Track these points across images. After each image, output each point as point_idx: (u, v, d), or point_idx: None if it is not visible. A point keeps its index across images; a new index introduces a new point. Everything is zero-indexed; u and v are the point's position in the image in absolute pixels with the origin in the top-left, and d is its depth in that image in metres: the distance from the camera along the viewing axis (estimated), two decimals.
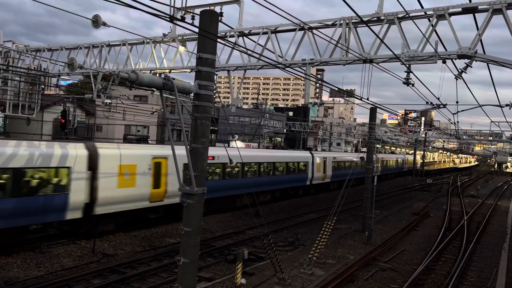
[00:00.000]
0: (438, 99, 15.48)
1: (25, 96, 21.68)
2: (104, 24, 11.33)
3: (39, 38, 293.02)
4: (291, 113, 73.74)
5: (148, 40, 16.17)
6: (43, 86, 23.74)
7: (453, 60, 11.13)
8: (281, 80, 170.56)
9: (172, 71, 16.09)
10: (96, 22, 11.49)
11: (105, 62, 17.35)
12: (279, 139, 63.29)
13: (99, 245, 15.02)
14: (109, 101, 16.57)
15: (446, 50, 10.94)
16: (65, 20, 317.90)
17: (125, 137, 23.31)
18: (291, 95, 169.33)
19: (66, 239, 15.26)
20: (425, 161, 71.76)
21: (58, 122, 28.49)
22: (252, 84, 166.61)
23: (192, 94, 7.03)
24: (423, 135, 56.95)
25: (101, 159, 15.13)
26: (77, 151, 14.66)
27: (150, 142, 24.91)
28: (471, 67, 10.91)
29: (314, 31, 12.86)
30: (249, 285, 11.70)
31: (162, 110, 27.83)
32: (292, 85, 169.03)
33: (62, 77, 20.64)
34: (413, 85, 12.10)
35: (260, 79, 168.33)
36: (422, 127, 62.43)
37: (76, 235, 15.41)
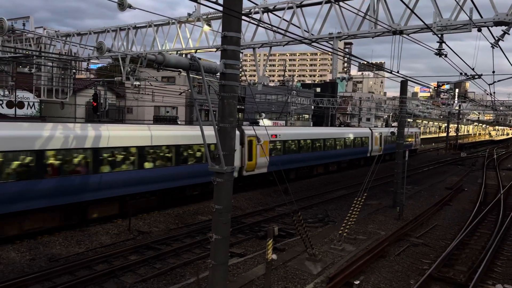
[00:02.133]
0: (473, 69, 14.83)
1: (58, 80, 22.31)
2: (130, 6, 11.42)
3: (67, 23, 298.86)
4: (318, 89, 72.74)
5: (173, 21, 16.19)
6: (74, 71, 24.33)
7: (489, 27, 10.58)
8: (307, 55, 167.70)
9: (198, 51, 16.10)
10: (122, 4, 11.60)
11: (132, 44, 17.56)
12: (306, 116, 62.74)
13: (134, 223, 15.60)
14: (138, 83, 16.84)
15: (481, 17, 10.40)
16: (91, 4, 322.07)
17: (155, 118, 23.77)
18: (318, 71, 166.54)
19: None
20: (459, 134, 69.51)
21: (90, 105, 29.32)
22: (278, 61, 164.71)
23: (218, 74, 7.04)
24: (457, 108, 55.05)
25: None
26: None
27: (179, 122, 25.30)
28: (508, 34, 10.35)
29: (341, 3, 12.50)
30: (280, 261, 11.90)
31: (189, 90, 28.04)
32: (319, 60, 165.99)
33: (91, 61, 21.06)
34: (445, 55, 11.62)
35: (286, 56, 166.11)
36: (456, 99, 60.29)
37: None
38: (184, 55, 15.84)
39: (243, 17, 7.55)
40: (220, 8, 6.91)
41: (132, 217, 15.80)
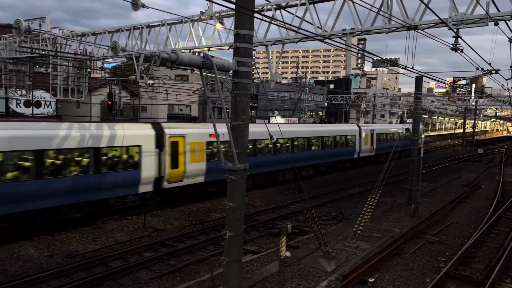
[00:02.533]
0: (490, 64, 14.56)
1: (74, 80, 22.61)
2: (143, 5, 11.51)
3: (82, 23, 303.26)
4: (332, 86, 72.30)
5: (186, 19, 16.25)
6: (89, 70, 24.63)
7: (507, 21, 10.36)
8: (320, 52, 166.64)
9: (211, 49, 16.13)
10: (136, 4, 11.69)
11: (146, 43, 17.68)
12: (320, 113, 62.43)
13: (149, 220, 15.77)
14: (151, 81, 16.95)
15: (498, 11, 10.18)
16: (105, 4, 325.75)
17: (169, 116, 23.95)
18: (332, 67, 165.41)
19: (118, 215, 16.17)
20: (476, 130, 68.27)
21: (105, 104, 29.69)
22: (291, 58, 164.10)
23: (231, 72, 7.06)
24: (474, 103, 54.10)
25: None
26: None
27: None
28: None
29: None
30: (293, 258, 11.91)
31: (202, 88, 28.17)
32: (333, 56, 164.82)
33: (106, 60, 21.28)
34: (461, 50, 11.43)
35: (299, 52, 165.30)
36: (473, 94, 59.25)
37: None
38: (197, 54, 15.91)
39: (256, 15, 7.55)
40: (233, 6, 6.91)
41: (147, 214, 15.98)
